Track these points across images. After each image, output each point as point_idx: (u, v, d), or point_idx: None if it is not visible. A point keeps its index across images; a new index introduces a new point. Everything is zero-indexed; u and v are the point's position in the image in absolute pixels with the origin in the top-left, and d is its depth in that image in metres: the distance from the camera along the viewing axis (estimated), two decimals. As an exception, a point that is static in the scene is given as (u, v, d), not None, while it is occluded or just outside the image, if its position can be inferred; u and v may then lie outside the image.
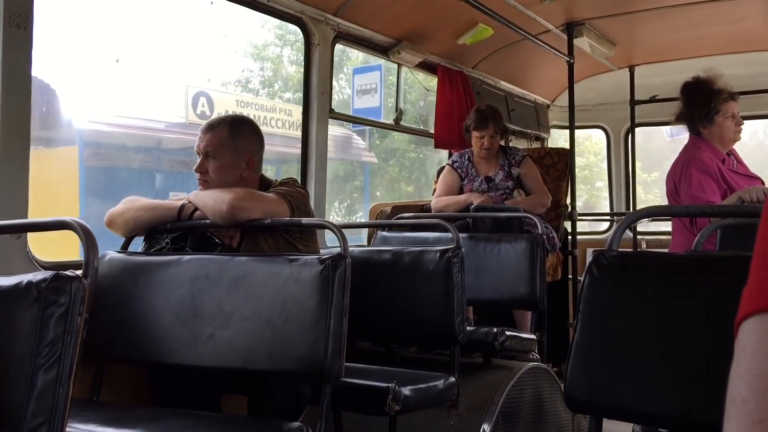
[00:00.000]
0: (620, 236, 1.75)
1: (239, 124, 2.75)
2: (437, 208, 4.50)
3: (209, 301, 2.37)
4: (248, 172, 2.70)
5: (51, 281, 1.45)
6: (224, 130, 2.68)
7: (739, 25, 4.92)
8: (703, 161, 3.59)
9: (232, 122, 2.73)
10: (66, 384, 1.40)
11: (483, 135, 4.49)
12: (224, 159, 2.67)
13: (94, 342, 2.33)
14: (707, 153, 3.64)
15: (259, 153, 2.76)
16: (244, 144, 2.69)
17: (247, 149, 2.70)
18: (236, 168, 2.68)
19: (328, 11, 3.88)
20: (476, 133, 4.51)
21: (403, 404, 2.55)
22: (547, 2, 4.37)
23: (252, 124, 2.83)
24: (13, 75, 2.40)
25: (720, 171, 3.60)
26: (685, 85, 3.81)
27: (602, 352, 1.65)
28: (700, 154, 3.63)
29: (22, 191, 2.45)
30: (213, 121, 2.74)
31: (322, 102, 3.92)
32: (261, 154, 2.77)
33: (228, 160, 2.67)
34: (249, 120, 2.86)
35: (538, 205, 4.46)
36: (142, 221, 2.67)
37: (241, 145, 2.68)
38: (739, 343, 0.55)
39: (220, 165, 2.66)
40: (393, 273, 3.16)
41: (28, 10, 2.43)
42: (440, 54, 4.90)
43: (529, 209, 4.29)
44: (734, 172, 3.68)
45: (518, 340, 3.64)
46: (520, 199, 4.45)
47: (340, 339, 2.18)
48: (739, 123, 3.74)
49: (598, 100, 6.44)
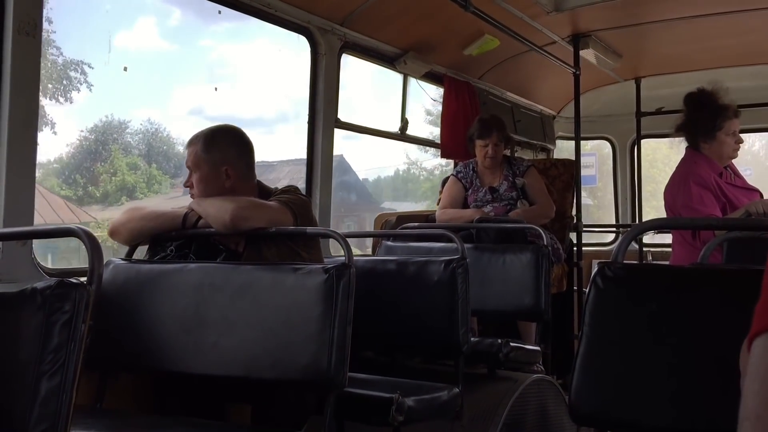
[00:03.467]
0: (626, 248, 1.75)
1: (214, 135, 2.69)
2: (442, 220, 4.49)
3: (213, 310, 2.36)
4: (231, 182, 2.65)
5: (55, 288, 1.45)
6: (198, 144, 2.67)
7: (746, 37, 4.92)
8: (700, 176, 3.61)
9: (206, 135, 2.69)
10: (69, 391, 1.40)
11: (487, 144, 4.49)
12: (202, 172, 2.66)
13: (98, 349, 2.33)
14: (705, 167, 3.66)
15: (241, 161, 2.69)
16: (219, 155, 2.65)
17: (223, 160, 2.65)
18: (216, 180, 2.64)
19: (334, 21, 3.89)
20: (480, 141, 4.51)
21: (406, 415, 2.54)
22: (554, 14, 4.38)
23: (230, 133, 2.75)
24: (21, 82, 2.41)
25: (718, 184, 3.62)
26: (689, 96, 3.81)
27: (607, 365, 1.64)
28: (698, 169, 3.65)
29: (28, 198, 2.46)
30: (193, 136, 2.72)
31: (329, 111, 3.93)
32: (245, 161, 2.71)
33: (205, 172, 2.65)
34: (227, 129, 2.77)
35: (540, 217, 4.45)
36: (146, 230, 2.67)
37: (216, 156, 2.65)
38: (753, 359, 0.55)
39: (199, 178, 2.66)
40: (397, 283, 3.15)
41: (37, 17, 2.44)
42: (446, 64, 4.91)
43: (532, 221, 4.28)
44: (732, 185, 3.70)
45: (523, 351, 3.62)
46: (521, 210, 4.44)
47: (344, 348, 2.18)
48: (739, 141, 3.77)
49: (604, 111, 6.43)
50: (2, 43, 2.38)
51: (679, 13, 4.55)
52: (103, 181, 8.72)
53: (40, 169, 2.81)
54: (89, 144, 8.73)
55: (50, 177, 7.58)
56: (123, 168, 9.26)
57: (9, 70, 2.38)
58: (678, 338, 1.58)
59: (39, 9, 2.46)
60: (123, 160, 9.31)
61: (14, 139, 2.40)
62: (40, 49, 2.47)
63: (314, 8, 3.73)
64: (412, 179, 15.37)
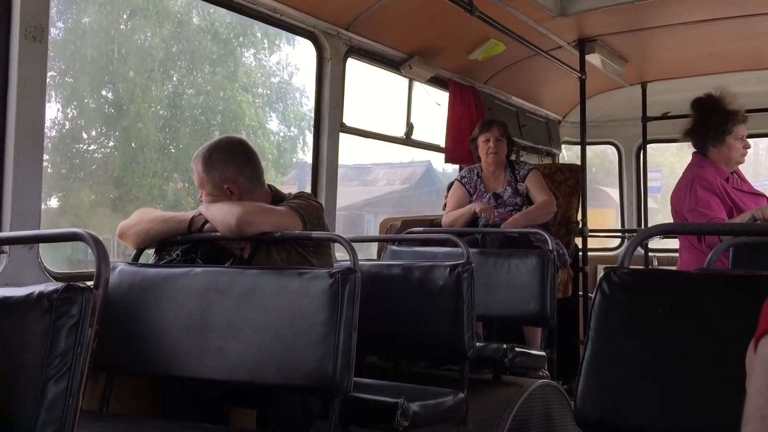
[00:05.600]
0: (632, 254, 1.74)
1: (211, 154, 2.68)
2: (446, 223, 4.49)
3: (219, 314, 2.36)
4: (236, 197, 2.65)
5: (62, 292, 1.45)
6: (199, 164, 2.69)
7: (753, 42, 4.90)
8: (707, 179, 3.62)
9: (204, 154, 2.69)
10: (76, 395, 1.40)
11: (488, 138, 4.51)
12: (207, 190, 2.69)
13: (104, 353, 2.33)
14: (711, 171, 3.67)
15: (241, 175, 2.67)
16: (218, 174, 2.66)
17: (223, 178, 2.65)
18: (221, 197, 2.66)
19: (340, 26, 3.90)
20: (482, 137, 4.53)
21: (411, 420, 2.53)
22: (559, 18, 4.38)
23: (227, 148, 2.71)
24: (28, 87, 2.42)
25: (724, 189, 3.63)
26: (698, 101, 3.82)
27: (614, 370, 1.64)
28: (704, 173, 3.66)
29: (35, 202, 2.46)
30: (195, 154, 2.73)
31: (334, 116, 3.93)
32: (246, 174, 2.69)
33: (209, 191, 2.68)
34: (224, 145, 2.72)
35: (541, 215, 4.42)
36: (154, 233, 2.67)
37: (216, 175, 2.66)
38: (759, 358, 0.55)
39: (206, 196, 2.70)
40: (402, 287, 3.15)
41: (44, 22, 2.45)
42: (452, 69, 4.91)
43: (532, 221, 4.27)
44: (738, 190, 3.71)
45: (528, 356, 3.61)
46: (518, 215, 4.41)
47: (349, 354, 2.17)
48: (747, 146, 3.80)
49: (610, 116, 6.42)
50: (9, 48, 2.39)
51: (685, 17, 4.54)
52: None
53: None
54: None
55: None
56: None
57: (16, 74, 2.39)
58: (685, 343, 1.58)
59: (46, 14, 2.47)
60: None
61: (21, 143, 2.40)
62: (47, 53, 2.48)
63: (320, 13, 3.74)
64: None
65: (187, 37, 7.26)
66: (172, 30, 7.07)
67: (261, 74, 8.78)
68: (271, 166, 8.37)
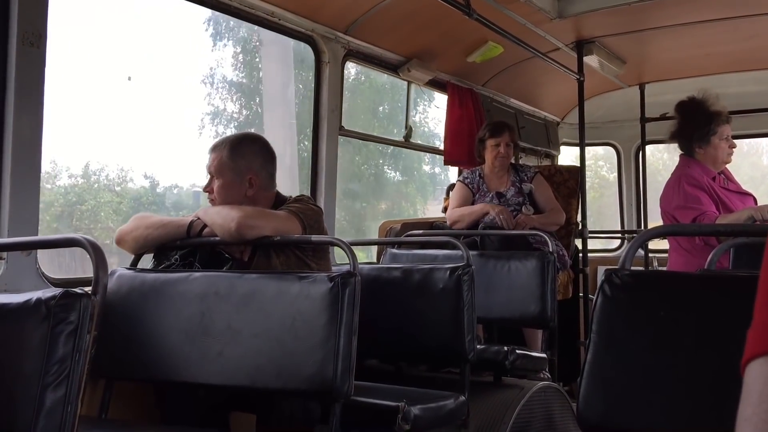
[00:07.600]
0: (633, 255, 1.74)
1: (240, 143, 2.72)
2: (453, 218, 4.48)
3: (218, 319, 2.36)
4: (253, 191, 2.68)
5: (60, 298, 1.45)
6: (224, 151, 2.68)
7: (750, 43, 4.91)
8: (693, 177, 3.70)
9: (233, 142, 2.71)
10: (74, 402, 1.39)
11: (498, 142, 4.52)
12: (225, 179, 2.67)
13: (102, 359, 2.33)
14: (697, 170, 3.74)
15: (265, 170, 2.72)
16: (244, 163, 2.67)
17: (248, 168, 2.67)
18: (238, 187, 2.66)
19: (338, 29, 3.90)
20: (492, 141, 4.54)
21: (412, 424, 2.52)
22: (557, 20, 4.38)
23: (256, 141, 2.79)
24: (26, 93, 2.42)
25: (711, 187, 3.67)
26: (681, 104, 3.92)
27: (615, 372, 1.63)
28: (691, 171, 3.74)
29: (32, 208, 2.46)
30: (218, 141, 2.75)
31: (332, 119, 3.93)
32: (268, 171, 2.74)
33: (229, 179, 2.67)
34: (254, 138, 2.82)
35: (552, 224, 4.49)
36: (152, 239, 2.67)
37: (242, 164, 2.67)
38: (746, 385, 0.54)
39: (222, 185, 2.67)
40: (402, 291, 3.14)
41: (42, 28, 2.45)
42: (450, 72, 4.91)
43: (543, 227, 4.29)
44: (726, 189, 3.74)
45: (529, 358, 3.60)
46: (535, 216, 4.45)
47: (349, 358, 2.17)
48: (732, 146, 3.85)
49: (609, 117, 6.42)
50: (7, 54, 2.39)
51: (683, 19, 4.55)
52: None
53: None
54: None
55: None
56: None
57: (14, 80, 2.39)
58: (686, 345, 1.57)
59: (43, 20, 2.46)
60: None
61: (19, 149, 2.40)
62: (45, 60, 2.47)
63: (318, 17, 3.74)
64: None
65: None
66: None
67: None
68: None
